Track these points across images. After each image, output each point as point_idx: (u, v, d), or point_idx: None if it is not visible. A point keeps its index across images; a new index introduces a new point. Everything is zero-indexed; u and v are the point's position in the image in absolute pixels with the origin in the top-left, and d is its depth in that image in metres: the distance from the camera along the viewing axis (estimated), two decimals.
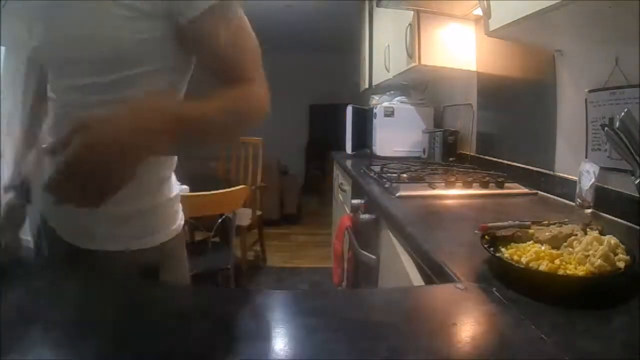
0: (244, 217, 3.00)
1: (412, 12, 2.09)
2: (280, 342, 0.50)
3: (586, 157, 1.21)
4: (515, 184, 1.46)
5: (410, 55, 2.15)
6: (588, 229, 0.73)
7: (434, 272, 0.76)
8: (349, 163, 2.30)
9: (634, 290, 0.61)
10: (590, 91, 1.20)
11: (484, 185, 1.44)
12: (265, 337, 0.50)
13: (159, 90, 0.73)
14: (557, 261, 0.64)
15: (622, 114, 0.88)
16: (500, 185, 1.44)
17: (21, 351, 0.44)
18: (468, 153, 2.12)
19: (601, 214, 1.13)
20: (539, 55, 1.46)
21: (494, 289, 0.61)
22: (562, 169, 1.37)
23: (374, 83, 3.31)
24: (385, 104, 2.53)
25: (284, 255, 3.71)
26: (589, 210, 1.15)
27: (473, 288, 0.63)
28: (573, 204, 1.23)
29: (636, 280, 0.62)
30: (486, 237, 0.75)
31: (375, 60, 3.24)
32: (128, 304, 0.57)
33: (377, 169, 1.80)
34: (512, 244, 0.73)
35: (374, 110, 2.50)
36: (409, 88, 2.79)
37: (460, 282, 0.65)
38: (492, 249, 0.72)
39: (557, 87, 1.40)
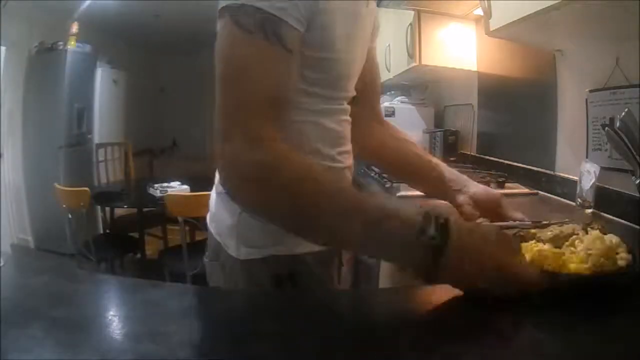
0: None
1: (412, 12, 2.08)
2: (280, 342, 0.50)
3: (587, 157, 1.21)
4: (516, 184, 1.46)
5: (410, 55, 2.14)
6: (589, 229, 0.73)
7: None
8: None
9: (634, 290, 0.61)
10: (590, 91, 1.20)
11: (485, 185, 1.43)
12: (265, 337, 0.50)
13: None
14: (560, 260, 0.63)
15: (623, 113, 0.87)
16: (501, 185, 1.44)
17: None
18: (469, 153, 2.12)
19: (602, 214, 1.13)
20: (539, 55, 1.46)
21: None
22: (563, 168, 1.37)
23: None
24: (386, 103, 2.53)
25: None
26: (590, 210, 1.15)
27: (473, 288, 0.62)
28: (574, 204, 1.23)
29: (637, 279, 0.62)
30: None
31: None
32: None
33: (377, 168, 1.79)
34: None
35: None
36: (409, 88, 2.79)
37: None
38: None
39: (557, 87, 1.40)
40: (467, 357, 0.47)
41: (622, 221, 1.05)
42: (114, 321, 0.52)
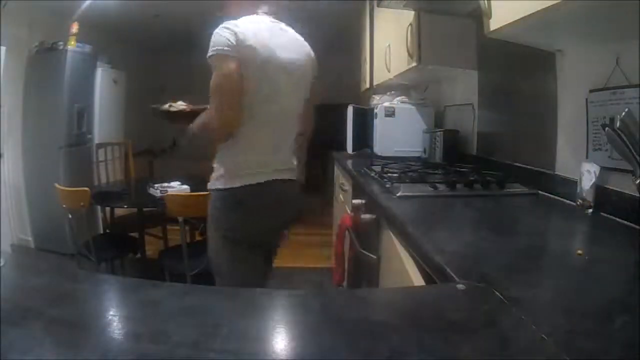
0: None
1: (412, 12, 2.08)
2: (280, 342, 0.50)
3: (587, 157, 1.21)
4: (516, 184, 1.46)
5: (410, 55, 2.14)
6: None
7: (434, 272, 0.76)
8: (349, 163, 2.30)
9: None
10: (591, 91, 1.20)
11: (485, 185, 1.43)
12: (265, 337, 0.50)
13: None
14: None
15: (623, 113, 0.87)
16: (500, 185, 1.44)
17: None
18: (469, 153, 2.12)
19: (602, 214, 1.13)
20: (539, 55, 1.46)
21: (494, 289, 0.61)
22: (563, 168, 1.37)
23: (374, 83, 3.31)
24: (386, 103, 2.52)
25: (284, 255, 3.70)
26: (590, 210, 1.15)
27: (473, 288, 0.63)
28: (574, 204, 1.23)
29: None
30: None
31: (376, 60, 3.23)
32: None
33: (377, 168, 1.79)
34: None
35: (375, 110, 2.50)
36: (409, 88, 2.79)
37: (460, 282, 0.65)
38: None
39: (557, 87, 1.40)
40: (467, 357, 0.47)
41: (622, 221, 1.05)
42: (114, 321, 0.52)
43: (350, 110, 2.77)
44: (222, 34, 1.25)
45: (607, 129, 0.90)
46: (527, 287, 0.64)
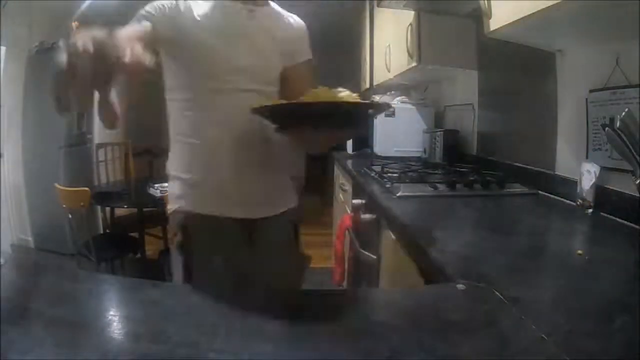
0: None
1: (412, 12, 2.08)
2: (280, 342, 0.50)
3: (587, 157, 1.21)
4: (516, 184, 1.46)
5: (410, 55, 2.14)
6: None
7: (434, 272, 0.76)
8: (349, 163, 2.30)
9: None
10: (590, 91, 1.20)
11: (485, 185, 1.43)
12: (265, 337, 0.50)
13: None
14: None
15: (623, 113, 0.88)
16: (500, 185, 1.44)
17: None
18: (469, 153, 2.12)
19: (602, 214, 1.13)
20: (539, 55, 1.46)
21: (494, 289, 0.61)
22: (563, 169, 1.37)
23: (374, 83, 3.31)
24: None
25: None
26: (590, 210, 1.15)
27: (473, 288, 0.63)
28: (574, 204, 1.23)
29: None
30: None
31: (376, 61, 3.23)
32: None
33: (377, 168, 1.79)
34: None
35: None
36: (409, 88, 2.79)
37: (460, 282, 0.65)
38: None
39: (557, 87, 1.40)
40: (467, 357, 0.47)
41: (622, 221, 1.05)
42: (114, 321, 0.52)
43: None
44: None
45: (607, 129, 0.90)
46: (527, 287, 0.65)
